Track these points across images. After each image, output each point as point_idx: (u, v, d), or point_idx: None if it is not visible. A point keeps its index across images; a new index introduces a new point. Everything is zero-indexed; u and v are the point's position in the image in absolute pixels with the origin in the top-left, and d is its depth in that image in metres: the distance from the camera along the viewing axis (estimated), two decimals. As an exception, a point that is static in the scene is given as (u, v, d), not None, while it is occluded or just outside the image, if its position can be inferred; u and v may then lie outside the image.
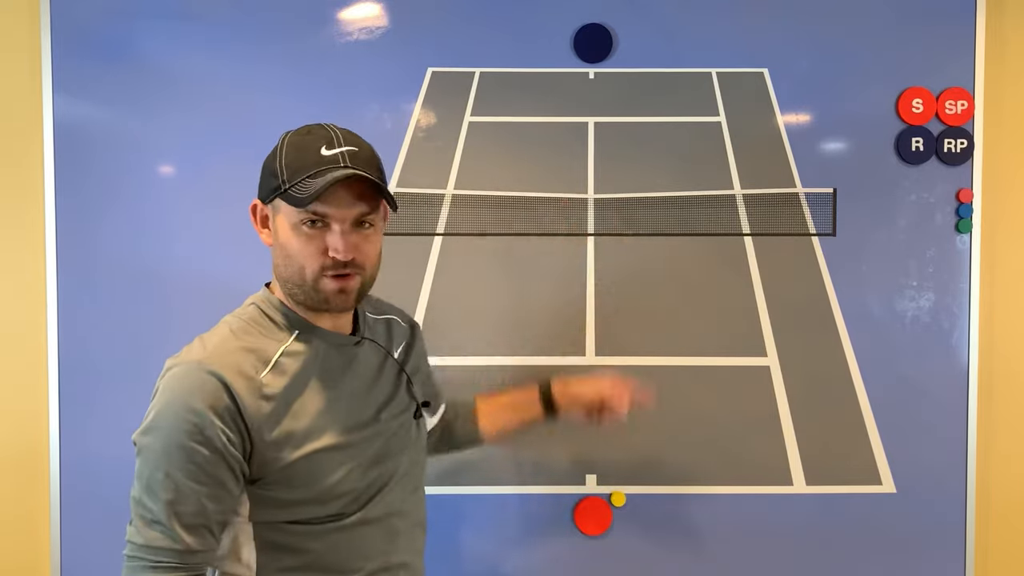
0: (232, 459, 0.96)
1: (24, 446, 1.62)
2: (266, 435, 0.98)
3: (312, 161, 1.00)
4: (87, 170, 1.57)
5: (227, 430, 0.96)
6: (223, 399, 0.96)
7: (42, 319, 1.58)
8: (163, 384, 0.98)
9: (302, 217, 1.00)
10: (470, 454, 1.58)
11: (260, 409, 0.98)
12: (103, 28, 1.56)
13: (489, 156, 1.60)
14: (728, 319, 1.61)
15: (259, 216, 1.07)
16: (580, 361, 1.59)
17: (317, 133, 1.03)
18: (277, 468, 1.00)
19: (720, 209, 1.61)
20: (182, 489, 0.95)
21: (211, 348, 1.00)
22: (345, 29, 1.59)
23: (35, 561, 1.63)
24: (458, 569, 1.58)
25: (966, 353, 1.61)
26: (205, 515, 0.96)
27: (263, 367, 1.00)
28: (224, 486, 0.97)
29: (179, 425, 0.94)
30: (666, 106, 1.61)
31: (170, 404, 0.96)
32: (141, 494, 0.97)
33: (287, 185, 0.99)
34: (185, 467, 0.94)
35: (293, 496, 1.02)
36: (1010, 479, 1.67)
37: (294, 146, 1.02)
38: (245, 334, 1.03)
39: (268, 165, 1.04)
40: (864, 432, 1.60)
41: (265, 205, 1.06)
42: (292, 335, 1.05)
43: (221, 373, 0.96)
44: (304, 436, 1.02)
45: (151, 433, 0.96)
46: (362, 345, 1.12)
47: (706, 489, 1.60)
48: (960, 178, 1.61)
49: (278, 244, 1.04)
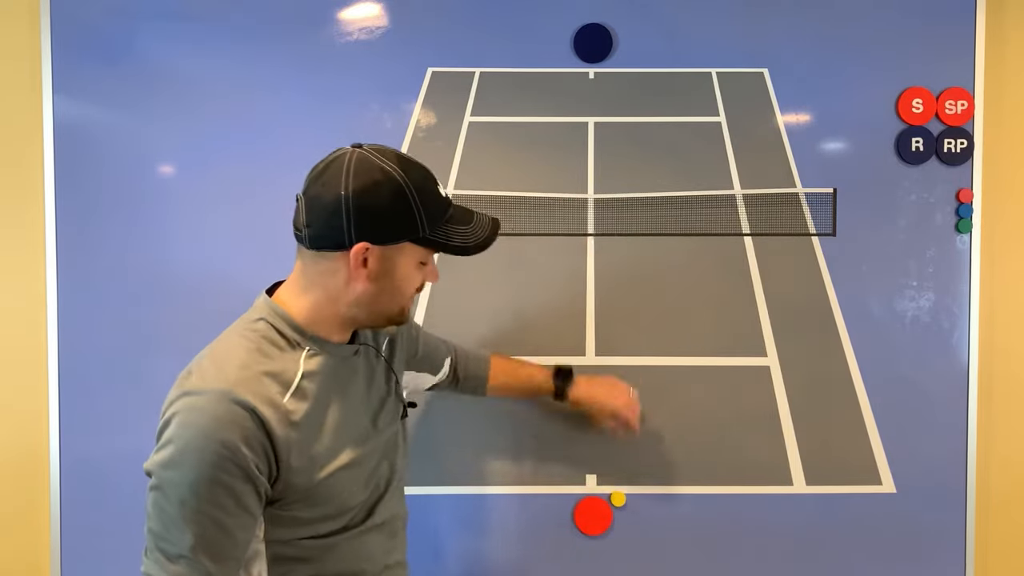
0: (260, 486, 0.95)
1: (24, 446, 1.62)
2: (293, 461, 0.98)
3: (443, 205, 1.04)
4: (87, 170, 1.57)
5: (257, 460, 0.94)
6: (254, 430, 0.93)
7: (42, 319, 1.58)
8: (183, 413, 0.93)
9: (427, 257, 1.05)
10: (470, 455, 1.59)
11: (288, 437, 0.97)
12: (103, 28, 1.56)
13: (489, 156, 1.60)
14: (728, 319, 1.61)
15: (361, 259, 1.00)
16: (580, 361, 1.59)
17: (417, 171, 1.02)
18: (300, 490, 1.00)
19: (720, 209, 1.61)
20: (212, 521, 0.92)
21: (233, 374, 0.95)
22: (345, 29, 1.59)
23: (35, 561, 1.63)
24: (458, 569, 1.58)
25: (966, 353, 1.61)
26: (234, 544, 0.95)
27: (285, 392, 0.98)
28: (251, 513, 0.96)
29: (208, 459, 0.91)
30: (666, 106, 1.61)
31: (197, 437, 0.91)
32: (163, 528, 0.93)
33: (428, 231, 1.01)
34: (216, 500, 0.92)
35: (312, 514, 1.03)
36: (1010, 479, 1.67)
37: (422, 192, 1.00)
38: (261, 355, 0.99)
39: (396, 208, 0.99)
40: (864, 432, 1.60)
41: (375, 246, 0.99)
42: (303, 352, 1.03)
43: (251, 402, 0.94)
44: (326, 457, 1.02)
45: (175, 468, 0.92)
46: (359, 352, 1.12)
47: (706, 489, 1.60)
48: (960, 178, 1.61)
49: (390, 283, 1.03)
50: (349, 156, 0.99)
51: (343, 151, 1.01)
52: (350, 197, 0.97)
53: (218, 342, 1.03)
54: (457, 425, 1.58)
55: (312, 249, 1.01)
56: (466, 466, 1.59)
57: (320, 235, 0.99)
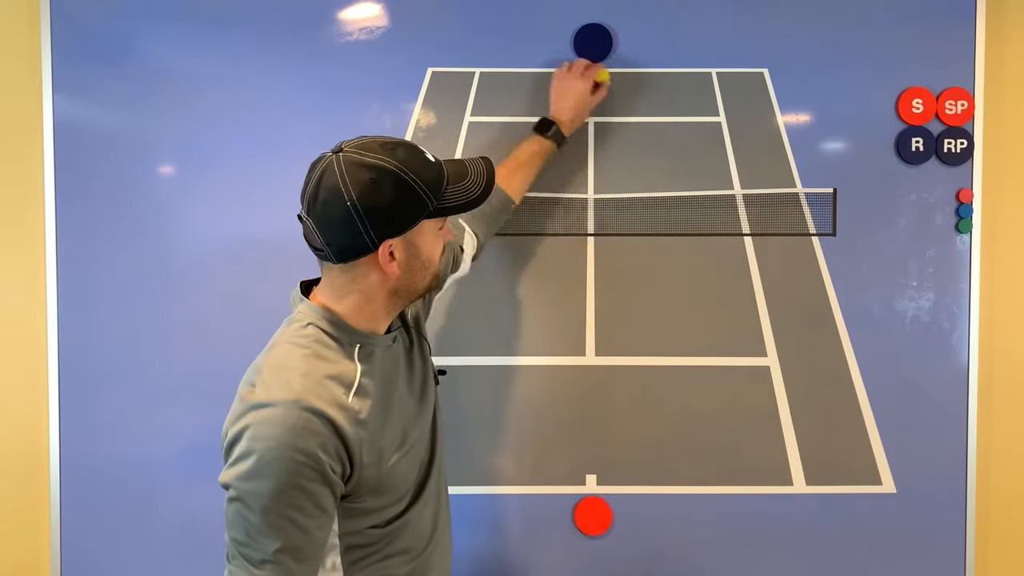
0: (336, 487, 0.99)
1: (24, 446, 1.62)
2: (365, 458, 1.01)
3: (439, 170, 1.04)
4: (87, 170, 1.57)
5: (332, 463, 0.97)
6: (328, 435, 0.96)
7: (42, 319, 1.58)
8: (256, 426, 0.95)
9: (440, 223, 1.07)
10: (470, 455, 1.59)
11: (359, 435, 1.00)
12: (103, 28, 1.56)
13: (489, 156, 1.59)
14: (728, 319, 1.61)
15: (389, 254, 1.02)
16: (580, 361, 1.59)
17: (401, 147, 1.02)
18: (371, 483, 1.04)
19: (720, 209, 1.60)
20: (296, 525, 0.95)
21: (298, 382, 0.97)
22: (345, 29, 1.58)
23: (35, 561, 1.63)
24: (458, 569, 1.57)
25: (966, 353, 1.61)
26: (315, 544, 0.98)
27: (349, 392, 1.01)
28: (328, 513, 0.99)
29: (289, 467, 0.93)
30: (666, 106, 1.61)
31: (276, 448, 0.93)
32: (248, 537, 0.95)
33: (435, 203, 1.02)
34: (298, 505, 0.95)
35: (379, 503, 1.07)
36: (1010, 479, 1.67)
37: (416, 168, 1.00)
38: (319, 359, 1.01)
39: (401, 198, 0.99)
40: (864, 432, 1.60)
41: (397, 236, 1.01)
42: (355, 350, 1.05)
43: (321, 408, 0.96)
44: (390, 449, 1.06)
45: (256, 478, 0.93)
46: (396, 340, 1.15)
47: (706, 489, 1.60)
48: (960, 178, 1.61)
49: (419, 261, 1.05)
50: (336, 163, 0.99)
51: (326, 159, 1.00)
52: (356, 203, 0.97)
53: (272, 353, 1.03)
54: (457, 425, 1.57)
55: (340, 263, 1.02)
56: (466, 466, 1.59)
57: (344, 248, 1.01)
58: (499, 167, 1.38)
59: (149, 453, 1.57)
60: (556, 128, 1.48)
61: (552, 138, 1.48)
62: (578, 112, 1.51)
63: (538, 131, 1.49)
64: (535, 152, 1.48)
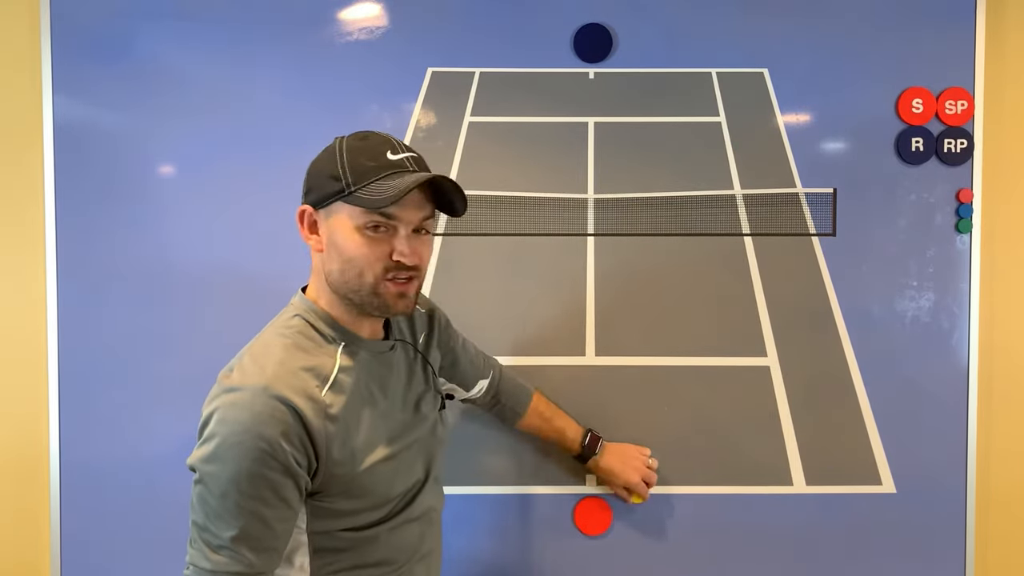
0: (300, 479, 0.98)
1: (24, 446, 1.62)
2: (333, 454, 1.00)
3: (381, 164, 1.00)
4: (87, 170, 1.57)
5: (296, 454, 0.96)
6: (293, 424, 0.96)
7: (42, 319, 1.58)
8: (224, 409, 0.96)
9: (368, 220, 1.00)
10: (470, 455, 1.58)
11: (327, 430, 0.99)
12: (103, 28, 1.56)
13: (489, 156, 1.60)
14: (728, 319, 1.61)
15: (307, 222, 1.06)
16: (580, 361, 1.59)
17: (375, 138, 1.03)
18: (342, 482, 1.02)
19: (720, 209, 1.60)
20: (252, 514, 0.95)
21: (271, 370, 0.98)
22: (345, 29, 1.58)
23: (35, 561, 1.63)
24: (458, 569, 1.58)
25: (966, 353, 1.61)
26: (274, 536, 0.97)
27: (323, 385, 1.01)
28: (291, 506, 0.98)
29: (249, 453, 0.93)
30: (666, 106, 1.61)
31: (238, 433, 0.94)
32: (207, 521, 0.95)
33: (353, 188, 0.99)
34: (256, 493, 0.94)
35: (353, 506, 1.05)
36: (1010, 479, 1.67)
37: (356, 150, 1.01)
38: (299, 350, 1.02)
39: (323, 169, 1.02)
40: (864, 432, 1.60)
41: (317, 211, 1.04)
42: (339, 347, 1.05)
43: (289, 398, 0.96)
44: (365, 450, 1.04)
45: (217, 462, 0.94)
46: (395, 348, 1.14)
47: (706, 489, 1.60)
48: (960, 178, 1.61)
49: (334, 249, 1.02)
50: None
51: None
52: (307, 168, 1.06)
53: (257, 340, 1.06)
54: (457, 425, 1.57)
55: None
56: (466, 466, 1.59)
57: None
58: (542, 401, 1.50)
59: (149, 453, 1.57)
60: (596, 450, 1.50)
61: (584, 449, 1.50)
62: (610, 468, 1.52)
63: (585, 440, 1.51)
64: (565, 433, 1.50)
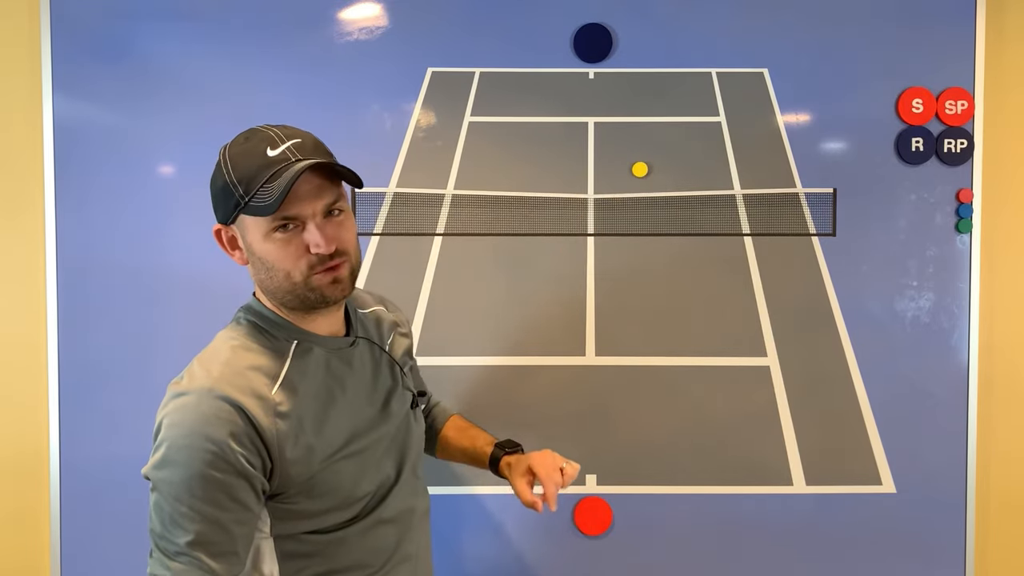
0: (255, 480, 0.96)
1: (24, 447, 1.62)
2: (287, 452, 0.98)
3: (262, 165, 0.97)
4: (87, 170, 1.57)
5: (247, 454, 0.94)
6: (240, 424, 0.94)
7: (42, 320, 1.58)
8: (171, 414, 0.95)
9: (272, 224, 0.98)
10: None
11: (277, 428, 0.97)
12: (103, 28, 1.56)
13: (489, 156, 1.60)
14: (728, 319, 1.61)
15: (226, 240, 1.04)
16: (580, 361, 1.59)
17: (256, 137, 1.01)
18: (299, 482, 1.00)
19: (720, 209, 1.61)
20: (207, 519, 0.93)
21: (217, 371, 0.97)
22: (345, 29, 1.58)
23: (35, 561, 1.63)
24: (458, 569, 1.58)
25: (966, 353, 1.61)
26: (232, 540, 0.95)
27: (273, 384, 0.99)
28: (248, 508, 0.96)
29: (198, 456, 0.92)
30: (666, 106, 1.61)
31: (185, 435, 0.93)
32: (163, 528, 0.94)
33: (247, 198, 0.97)
34: (208, 496, 0.92)
35: (316, 507, 1.03)
36: (1010, 479, 1.67)
37: (239, 155, 0.99)
38: (247, 351, 1.01)
39: (218, 185, 1.00)
40: (864, 432, 1.60)
41: (229, 227, 1.02)
42: (292, 346, 1.04)
43: (234, 397, 0.95)
44: (323, 448, 1.02)
45: (167, 467, 0.93)
46: (357, 345, 1.12)
47: (706, 489, 1.60)
48: (960, 178, 1.61)
49: (255, 259, 1.01)
50: None
51: None
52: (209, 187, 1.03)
53: (208, 347, 1.05)
54: (457, 425, 1.58)
55: None
56: (466, 466, 1.58)
57: None
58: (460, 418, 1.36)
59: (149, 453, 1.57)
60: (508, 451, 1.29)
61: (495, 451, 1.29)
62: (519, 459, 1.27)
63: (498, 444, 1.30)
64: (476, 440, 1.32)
